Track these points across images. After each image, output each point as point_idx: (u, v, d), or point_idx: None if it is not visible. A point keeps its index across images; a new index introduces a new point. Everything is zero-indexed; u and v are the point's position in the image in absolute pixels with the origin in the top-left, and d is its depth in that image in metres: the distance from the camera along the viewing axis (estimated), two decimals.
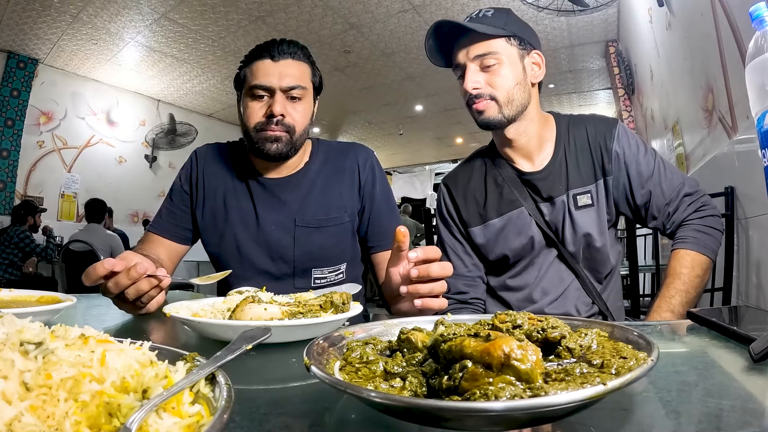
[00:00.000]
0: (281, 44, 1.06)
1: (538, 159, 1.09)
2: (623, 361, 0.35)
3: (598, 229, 1.05)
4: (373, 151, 1.24)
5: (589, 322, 0.44)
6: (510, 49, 1.02)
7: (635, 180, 1.03)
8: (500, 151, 1.12)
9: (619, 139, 1.05)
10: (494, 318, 0.41)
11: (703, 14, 2.07)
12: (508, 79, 1.01)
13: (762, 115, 0.53)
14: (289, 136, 1.06)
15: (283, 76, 1.04)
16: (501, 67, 1.01)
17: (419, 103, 7.05)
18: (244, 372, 0.48)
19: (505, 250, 1.09)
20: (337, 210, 1.13)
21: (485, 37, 1.00)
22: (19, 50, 4.99)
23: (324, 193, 1.14)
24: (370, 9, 4.46)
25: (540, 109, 1.10)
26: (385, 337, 0.47)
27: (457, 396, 0.31)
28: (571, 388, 0.31)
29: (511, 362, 0.30)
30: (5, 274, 4.17)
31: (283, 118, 1.04)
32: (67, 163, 5.71)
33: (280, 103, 1.03)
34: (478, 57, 1.01)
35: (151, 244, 1.13)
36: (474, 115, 1.05)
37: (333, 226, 1.12)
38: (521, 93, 1.03)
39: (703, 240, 0.97)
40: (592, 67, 5.61)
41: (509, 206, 1.09)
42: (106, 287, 0.73)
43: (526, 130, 1.07)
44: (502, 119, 1.03)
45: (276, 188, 1.13)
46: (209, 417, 0.29)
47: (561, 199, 1.05)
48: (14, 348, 0.29)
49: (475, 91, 1.01)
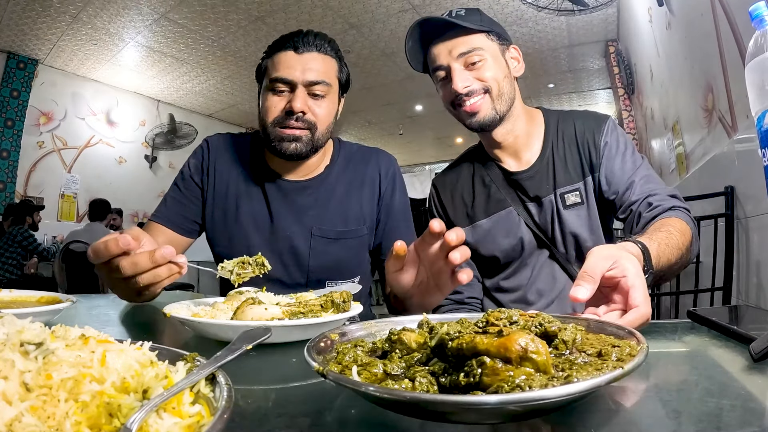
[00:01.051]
0: (307, 35, 0.99)
1: (526, 157, 1.07)
2: (618, 349, 0.36)
3: (589, 228, 1.02)
4: (396, 159, 1.17)
5: (564, 318, 0.46)
6: (491, 44, 1.00)
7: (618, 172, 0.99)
8: (488, 151, 1.11)
9: (608, 134, 1.02)
10: (488, 315, 0.41)
11: (702, 14, 2.07)
12: (494, 71, 0.99)
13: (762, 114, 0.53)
14: (310, 134, 0.99)
15: (306, 69, 0.97)
16: (486, 62, 0.99)
17: (419, 103, 7.05)
18: (244, 372, 0.48)
19: (495, 251, 1.08)
20: (356, 222, 1.08)
21: (466, 32, 0.98)
22: (19, 50, 4.99)
23: (344, 202, 1.08)
24: (370, 9, 4.46)
25: (523, 104, 1.08)
26: (369, 338, 0.47)
27: (479, 391, 0.31)
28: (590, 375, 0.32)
29: (529, 355, 0.31)
30: (7, 273, 4.18)
31: (303, 114, 0.97)
32: (67, 163, 5.71)
33: (300, 99, 0.96)
34: (462, 55, 0.98)
35: (153, 233, 1.05)
36: (463, 118, 1.02)
37: (351, 239, 1.07)
38: (508, 86, 1.02)
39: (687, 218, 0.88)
40: (592, 67, 5.61)
41: (497, 207, 1.08)
42: (114, 267, 0.66)
43: (513, 130, 1.05)
44: (495, 116, 1.00)
45: (293, 192, 1.06)
46: (209, 417, 0.29)
47: (549, 198, 1.03)
48: (14, 348, 0.29)
49: (466, 89, 0.98)
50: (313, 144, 1.00)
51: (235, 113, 7.27)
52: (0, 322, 0.32)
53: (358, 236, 1.08)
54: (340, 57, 1.05)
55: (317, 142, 1.00)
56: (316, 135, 1.00)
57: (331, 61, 1.02)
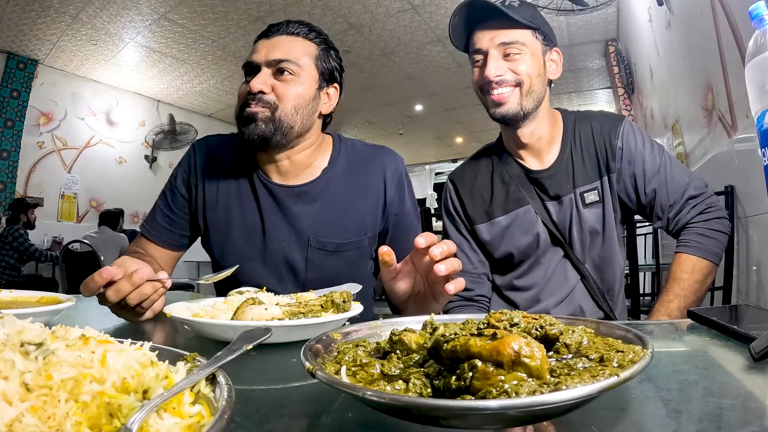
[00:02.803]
0: (281, 23, 0.98)
1: (547, 157, 1.08)
2: (621, 354, 0.35)
3: (606, 226, 1.04)
4: (402, 159, 1.10)
5: (573, 320, 0.45)
6: (535, 42, 1.01)
7: (640, 178, 1.02)
8: (509, 148, 1.11)
9: (625, 136, 1.04)
10: (490, 317, 0.41)
11: (702, 13, 2.07)
12: (531, 68, 0.99)
13: (762, 113, 0.53)
14: (270, 113, 0.92)
15: (271, 50, 0.94)
16: (524, 57, 0.99)
17: (419, 103, 7.04)
18: (244, 372, 0.48)
19: (511, 248, 1.09)
20: (357, 233, 1.01)
21: (513, 25, 0.98)
22: (18, 51, 4.98)
23: (344, 212, 1.00)
24: (370, 9, 4.46)
25: (550, 107, 1.09)
26: (373, 338, 0.47)
27: (469, 395, 0.31)
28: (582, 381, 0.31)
29: (522, 359, 0.31)
30: (3, 275, 4.10)
31: (263, 94, 0.92)
32: (67, 163, 5.71)
33: (260, 78, 0.92)
34: (503, 44, 0.98)
35: (144, 246, 1.06)
36: (488, 106, 1.02)
37: (351, 251, 1.01)
38: (540, 86, 1.02)
39: (706, 244, 0.96)
40: (592, 67, 5.60)
41: (516, 204, 1.08)
42: (104, 296, 0.70)
43: (538, 130, 1.06)
44: (519, 111, 1.00)
45: (288, 199, 0.99)
46: (210, 417, 0.29)
47: (569, 197, 1.05)
48: (15, 349, 0.29)
49: (498, 77, 0.98)
50: (275, 125, 0.92)
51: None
52: (0, 323, 0.32)
53: (358, 248, 1.02)
54: (323, 45, 1.01)
55: (279, 123, 0.93)
56: (277, 114, 0.92)
57: (303, 42, 0.98)
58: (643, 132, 1.07)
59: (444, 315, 0.53)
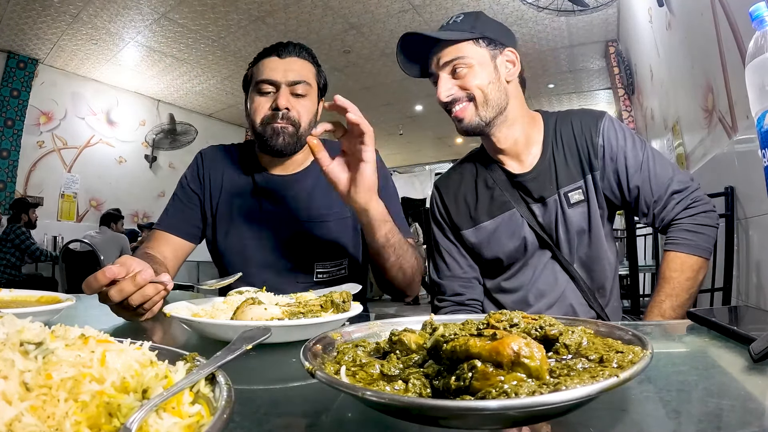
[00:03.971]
0: (288, 44, 1.13)
1: (528, 159, 1.08)
2: (621, 355, 0.35)
3: (592, 224, 1.04)
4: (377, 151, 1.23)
5: (573, 320, 0.45)
6: (479, 51, 1.01)
7: (623, 175, 1.01)
8: (490, 153, 1.12)
9: (606, 132, 1.03)
10: (489, 317, 0.41)
11: (703, 14, 2.07)
12: (479, 78, 1.01)
13: (762, 114, 0.53)
14: (294, 130, 1.09)
15: (288, 71, 1.09)
16: (471, 70, 1.00)
17: (419, 103, 7.05)
18: (244, 372, 0.48)
19: (498, 253, 1.08)
20: (340, 205, 1.14)
21: (452, 42, 1.00)
22: (19, 50, 4.99)
23: (329, 189, 1.12)
24: (370, 9, 4.46)
25: (525, 107, 1.09)
26: (373, 338, 0.47)
27: (468, 396, 0.31)
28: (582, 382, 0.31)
29: (521, 360, 0.31)
30: (4, 274, 4.13)
31: (288, 111, 1.08)
32: (67, 163, 5.71)
33: (284, 97, 1.08)
34: (447, 64, 1.01)
35: (156, 242, 1.14)
36: (455, 123, 1.06)
37: (335, 221, 1.16)
38: (496, 92, 1.02)
39: (694, 240, 0.95)
40: (592, 67, 5.61)
41: (501, 209, 1.08)
42: (106, 295, 0.72)
43: (512, 134, 1.06)
44: (480, 122, 1.02)
45: (281, 185, 1.16)
46: (209, 417, 0.29)
47: (553, 198, 1.04)
48: (14, 348, 0.29)
49: (449, 98, 1.01)
50: (298, 138, 1.10)
51: (235, 113, 7.26)
52: (0, 322, 0.32)
53: (341, 218, 1.16)
54: (317, 64, 1.18)
55: (301, 138, 1.11)
56: (300, 131, 1.10)
57: (309, 65, 1.15)
58: (624, 127, 1.06)
59: (443, 316, 0.53)
